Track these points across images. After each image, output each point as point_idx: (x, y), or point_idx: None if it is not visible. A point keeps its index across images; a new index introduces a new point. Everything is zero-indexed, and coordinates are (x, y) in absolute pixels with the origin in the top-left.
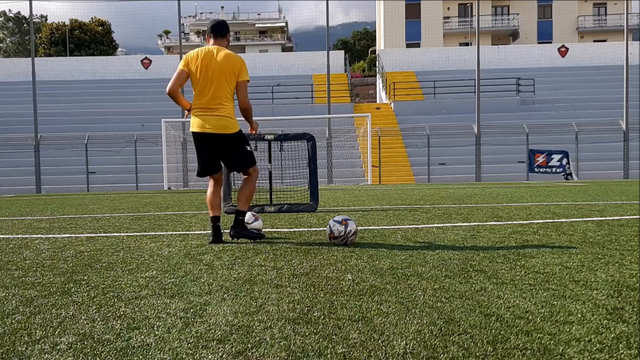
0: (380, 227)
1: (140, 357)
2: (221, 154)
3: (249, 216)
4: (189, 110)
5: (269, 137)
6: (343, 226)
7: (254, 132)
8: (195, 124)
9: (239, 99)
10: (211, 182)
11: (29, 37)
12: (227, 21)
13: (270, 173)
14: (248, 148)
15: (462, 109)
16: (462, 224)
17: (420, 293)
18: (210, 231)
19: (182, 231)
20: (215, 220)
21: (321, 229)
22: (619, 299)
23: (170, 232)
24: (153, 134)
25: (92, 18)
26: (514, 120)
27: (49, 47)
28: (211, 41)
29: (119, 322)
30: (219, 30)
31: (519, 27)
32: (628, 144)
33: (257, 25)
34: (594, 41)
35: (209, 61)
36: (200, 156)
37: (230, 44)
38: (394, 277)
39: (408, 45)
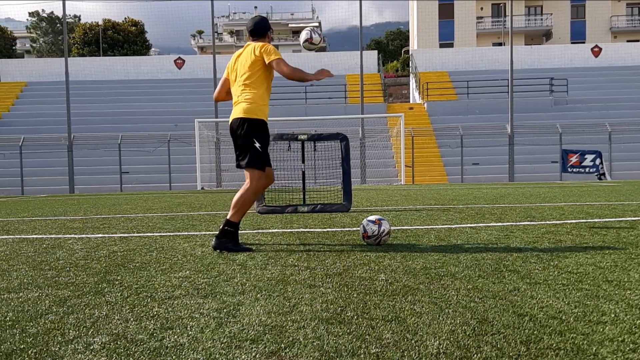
0: (414, 227)
1: (174, 357)
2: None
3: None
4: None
5: (302, 137)
6: (377, 226)
7: (321, 78)
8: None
9: (283, 76)
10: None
11: (62, 37)
12: None
13: (303, 173)
14: (258, 146)
15: (495, 109)
16: (495, 224)
17: (453, 293)
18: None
19: (216, 231)
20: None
21: (354, 229)
22: None
23: (204, 232)
24: (186, 133)
25: (125, 18)
26: (547, 120)
27: (82, 47)
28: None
29: (152, 322)
30: (254, 32)
31: (552, 27)
32: None
33: (290, 25)
34: (627, 41)
35: (236, 58)
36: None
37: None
38: (427, 277)
39: (441, 45)
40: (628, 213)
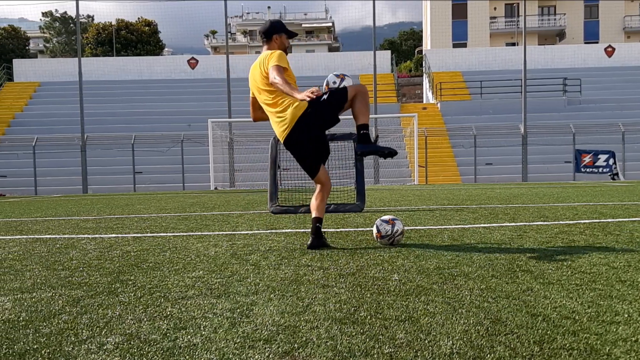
0: (427, 227)
1: (187, 357)
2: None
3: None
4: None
5: None
6: (390, 225)
7: (307, 99)
8: None
9: (271, 82)
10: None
11: (76, 37)
12: None
13: None
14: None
15: (509, 109)
16: (508, 224)
17: (466, 293)
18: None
19: (229, 231)
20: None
21: (367, 229)
22: None
23: (217, 232)
24: (199, 134)
25: (138, 18)
26: (561, 120)
27: (96, 47)
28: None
29: (165, 322)
30: (261, 35)
31: (566, 27)
32: None
33: (303, 25)
34: None
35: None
36: None
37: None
38: (440, 277)
39: (455, 45)
40: None
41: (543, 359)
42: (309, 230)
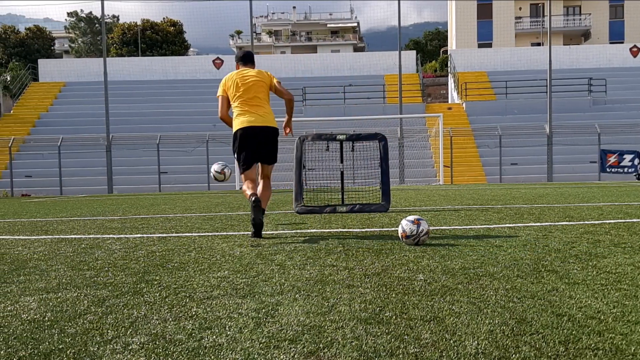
0: (452, 227)
1: (212, 357)
2: None
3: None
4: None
5: (341, 137)
6: (415, 225)
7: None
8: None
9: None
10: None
11: (101, 37)
12: (299, 21)
13: (342, 173)
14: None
15: (534, 109)
16: (534, 224)
17: (492, 293)
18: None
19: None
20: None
21: (393, 229)
22: None
23: (242, 232)
24: (224, 134)
25: (163, 18)
26: (586, 120)
27: (121, 47)
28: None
29: (190, 322)
30: (252, 59)
31: (591, 27)
32: None
33: (329, 25)
34: None
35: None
36: None
37: (302, 44)
38: (465, 277)
39: (480, 45)
40: None
41: (568, 359)
42: (335, 230)
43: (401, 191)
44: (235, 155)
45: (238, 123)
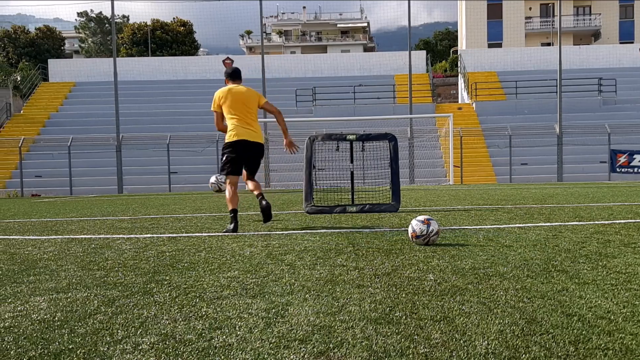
0: (462, 227)
1: (222, 357)
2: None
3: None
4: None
5: (351, 137)
6: (425, 225)
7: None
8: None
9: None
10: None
11: (111, 37)
12: (309, 21)
13: (352, 173)
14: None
15: (544, 109)
16: (544, 224)
17: (502, 293)
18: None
19: (264, 231)
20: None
21: (403, 229)
22: None
23: (252, 233)
24: None
25: (173, 18)
26: (596, 120)
27: (131, 47)
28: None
29: (200, 322)
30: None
31: (601, 27)
32: None
33: (339, 25)
34: None
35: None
36: None
37: (312, 44)
38: (475, 277)
39: (490, 46)
40: None
41: (578, 359)
42: (345, 230)
43: (411, 191)
44: (224, 159)
45: (233, 135)
